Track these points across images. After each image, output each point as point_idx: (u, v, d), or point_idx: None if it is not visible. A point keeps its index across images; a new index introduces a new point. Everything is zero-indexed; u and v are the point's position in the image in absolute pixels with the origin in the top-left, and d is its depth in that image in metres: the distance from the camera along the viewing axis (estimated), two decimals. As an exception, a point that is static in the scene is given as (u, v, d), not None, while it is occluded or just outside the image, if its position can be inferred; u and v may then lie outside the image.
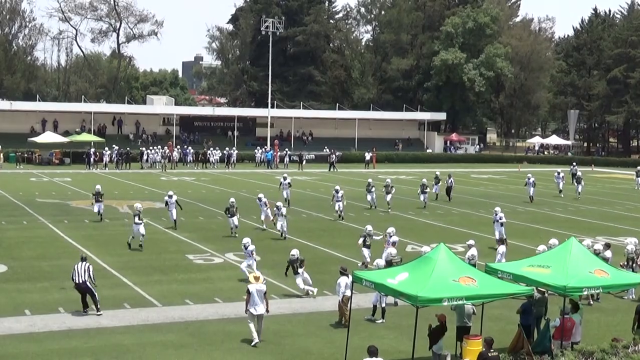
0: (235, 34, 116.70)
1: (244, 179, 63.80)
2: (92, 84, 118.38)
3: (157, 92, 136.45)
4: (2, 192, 49.50)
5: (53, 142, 77.16)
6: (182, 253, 30.67)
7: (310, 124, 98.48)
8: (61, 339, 19.42)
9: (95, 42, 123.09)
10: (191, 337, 19.87)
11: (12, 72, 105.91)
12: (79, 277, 21.40)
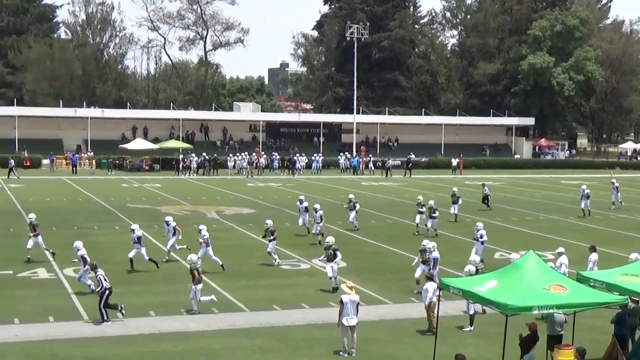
0: (321, 40, 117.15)
1: (330, 185, 63.91)
2: (180, 92, 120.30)
3: (243, 98, 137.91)
4: (95, 198, 50.68)
5: (143, 148, 78.73)
6: (269, 258, 30.82)
7: (395, 129, 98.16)
8: (151, 342, 19.73)
9: (183, 50, 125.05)
10: (278, 342, 19.96)
11: (103, 80, 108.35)
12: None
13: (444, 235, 36.98)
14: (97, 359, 18.25)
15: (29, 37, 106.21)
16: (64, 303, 23.20)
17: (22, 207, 44.63)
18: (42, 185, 59.96)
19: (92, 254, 30.16)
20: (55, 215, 41.58)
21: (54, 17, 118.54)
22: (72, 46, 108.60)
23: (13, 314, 21.69)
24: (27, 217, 30.29)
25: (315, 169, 79.23)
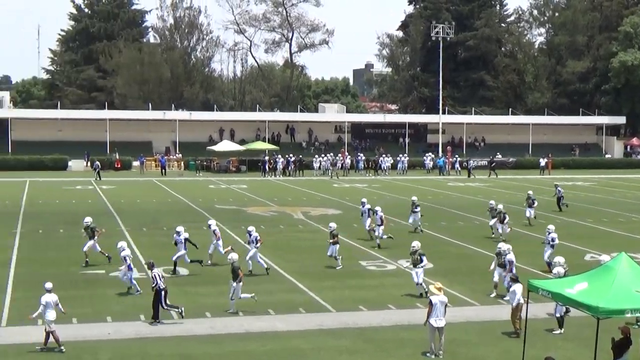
0: (406, 40, 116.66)
1: (415, 186, 63.59)
2: (266, 94, 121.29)
3: (328, 100, 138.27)
4: (183, 199, 51.53)
5: (230, 150, 79.67)
6: (355, 259, 30.89)
7: (482, 129, 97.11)
8: (239, 342, 19.96)
9: (269, 52, 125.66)
10: (365, 343, 19.96)
11: (191, 83, 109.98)
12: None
13: (526, 236, 36.39)
14: (186, 358, 18.55)
15: (119, 42, 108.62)
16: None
17: (114, 209, 45.68)
18: (132, 186, 61.26)
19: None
20: (145, 217, 42.43)
21: (143, 22, 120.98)
22: (161, 50, 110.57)
23: (105, 313, 22.20)
24: (84, 221, 29.40)
25: (401, 169, 79.08)
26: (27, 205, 47.15)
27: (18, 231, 36.82)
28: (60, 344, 18.87)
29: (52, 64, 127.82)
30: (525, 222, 40.09)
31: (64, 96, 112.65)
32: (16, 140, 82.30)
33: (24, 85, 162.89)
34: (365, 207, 35.58)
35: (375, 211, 34.09)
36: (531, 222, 39.99)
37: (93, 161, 71.77)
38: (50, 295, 19.34)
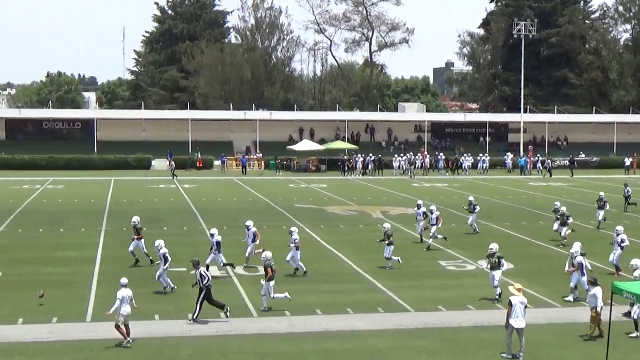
0: (487, 38, 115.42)
1: (497, 186, 62.90)
2: (346, 93, 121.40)
3: (408, 99, 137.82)
4: (264, 198, 51.97)
5: (310, 149, 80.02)
6: (434, 259, 30.75)
7: (565, 128, 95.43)
8: (318, 340, 20.05)
9: (349, 52, 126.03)
10: (444, 343, 19.85)
11: (271, 83, 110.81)
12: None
13: (600, 236, 35.56)
14: (266, 356, 18.72)
15: (201, 43, 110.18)
16: (234, 300, 23.90)
17: (196, 208, 46.35)
18: (213, 185, 62.05)
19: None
20: (226, 216, 42.94)
21: (225, 23, 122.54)
22: (242, 51, 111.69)
23: (187, 310, 22.52)
24: (132, 221, 29.59)
25: (482, 169, 78.31)
26: (112, 204, 48.19)
27: (103, 229, 37.67)
28: (127, 339, 19.33)
29: (136, 65, 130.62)
30: (597, 224, 39.16)
31: (147, 97, 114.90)
32: (102, 140, 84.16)
33: (109, 86, 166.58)
34: (420, 210, 34.62)
35: (431, 211, 33.60)
36: (601, 225, 38.92)
37: (175, 161, 73.07)
38: (126, 290, 19.77)
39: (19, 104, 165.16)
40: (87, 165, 75.64)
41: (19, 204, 46.91)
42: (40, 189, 56.96)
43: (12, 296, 24.08)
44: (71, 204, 48.18)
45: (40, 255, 30.97)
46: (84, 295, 24.31)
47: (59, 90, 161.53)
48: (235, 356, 18.65)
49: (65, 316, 21.85)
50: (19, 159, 75.39)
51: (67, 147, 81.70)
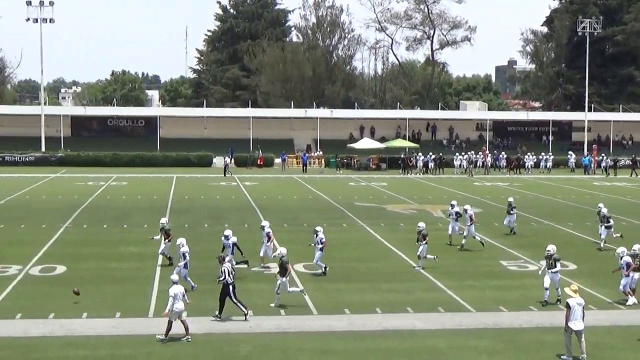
0: (550, 36, 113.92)
1: (559, 185, 62.08)
2: (406, 91, 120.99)
3: (470, 97, 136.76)
4: (324, 196, 52.05)
5: (370, 147, 79.91)
6: (495, 259, 30.46)
7: (630, 127, 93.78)
8: (378, 339, 20.01)
9: (410, 50, 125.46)
10: (505, 344, 19.65)
11: (332, 81, 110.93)
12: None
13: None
14: (326, 353, 18.74)
15: (263, 42, 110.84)
16: (294, 297, 23.95)
17: (256, 205, 46.62)
18: (274, 183, 62.34)
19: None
20: (286, 213, 43.12)
21: (286, 21, 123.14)
22: (303, 49, 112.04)
23: (247, 307, 22.66)
24: (160, 222, 29.37)
25: (544, 168, 77.33)
26: (174, 200, 48.73)
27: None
28: (167, 334, 19.51)
29: (198, 64, 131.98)
30: None
31: (209, 94, 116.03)
32: (164, 137, 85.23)
33: (172, 84, 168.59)
34: (453, 210, 33.72)
35: (465, 210, 32.89)
36: None
37: (236, 158, 73.69)
38: (178, 287, 19.96)
39: (84, 101, 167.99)
40: (149, 162, 76.60)
41: (84, 200, 47.72)
42: (104, 185, 57.87)
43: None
44: (134, 200, 48.86)
45: (104, 251, 31.45)
46: (147, 290, 24.63)
47: (123, 88, 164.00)
48: (295, 353, 18.70)
49: (128, 311, 22.16)
50: (84, 155, 76.66)
51: (131, 144, 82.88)
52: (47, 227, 36.76)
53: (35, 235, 34.44)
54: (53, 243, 32.98)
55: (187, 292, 23.15)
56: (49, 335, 19.82)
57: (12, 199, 48.60)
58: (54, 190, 53.94)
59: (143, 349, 18.85)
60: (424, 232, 28.35)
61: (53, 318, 21.27)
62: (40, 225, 37.23)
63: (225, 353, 18.61)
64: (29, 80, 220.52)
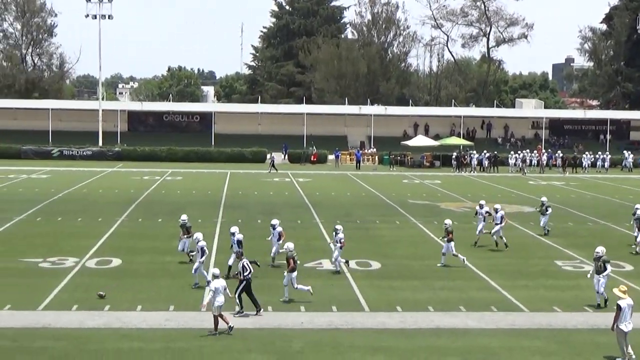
0: (609, 33, 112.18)
1: (617, 185, 61.14)
2: (462, 89, 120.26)
3: (526, 95, 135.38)
4: (377, 193, 51.97)
5: (424, 145, 79.55)
6: (550, 259, 30.13)
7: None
8: (430, 337, 19.93)
9: (466, 47, 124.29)
10: (559, 345, 19.43)
11: (387, 78, 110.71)
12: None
13: None
14: (377, 350, 18.73)
15: (318, 38, 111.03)
16: (346, 294, 24.02)
17: (309, 201, 46.73)
18: (327, 179, 62.40)
19: (372, 247, 31.10)
20: (339, 210, 43.15)
21: (342, 18, 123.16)
22: (358, 46, 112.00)
23: (300, 302, 22.76)
24: (180, 219, 28.63)
25: (601, 167, 76.15)
26: (228, 196, 49.07)
27: (219, 220, 38.39)
28: (217, 329, 19.67)
29: (253, 60, 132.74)
30: None
31: (264, 91, 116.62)
32: (219, 133, 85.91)
33: (227, 80, 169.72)
34: (482, 210, 32.82)
35: (495, 209, 32.05)
36: None
37: (290, 154, 73.93)
38: (219, 280, 20.09)
39: (141, 97, 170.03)
40: (204, 157, 77.20)
41: (139, 194, 48.31)
42: (159, 180, 58.50)
43: (131, 283, 24.81)
44: (189, 195, 49.31)
45: (158, 245, 31.81)
46: (199, 284, 24.84)
47: (178, 84, 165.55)
48: (347, 350, 18.72)
49: (182, 304, 22.39)
50: (140, 150, 77.57)
51: (186, 139, 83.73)
52: (104, 220, 37.29)
53: (91, 229, 34.97)
54: (109, 236, 33.45)
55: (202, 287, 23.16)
56: (104, 327, 20.12)
57: (70, 192, 49.39)
58: (111, 184, 54.69)
59: (196, 342, 19.03)
60: (449, 229, 28.03)
61: (108, 310, 21.59)
62: (96, 219, 37.79)
63: (278, 348, 18.70)
64: (87, 76, 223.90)
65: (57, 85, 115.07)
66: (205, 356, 17.99)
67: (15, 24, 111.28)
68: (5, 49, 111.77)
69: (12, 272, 26.06)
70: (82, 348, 18.45)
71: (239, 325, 20.31)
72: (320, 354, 18.35)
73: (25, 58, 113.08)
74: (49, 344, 18.66)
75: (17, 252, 29.48)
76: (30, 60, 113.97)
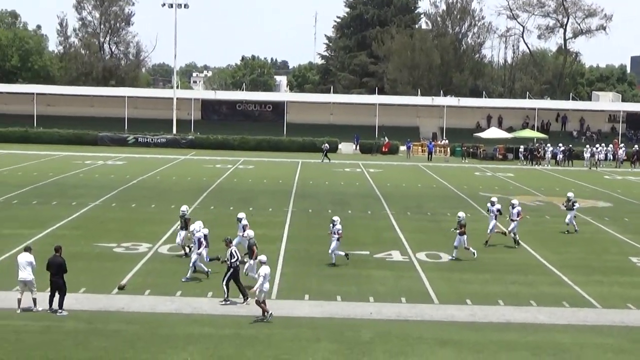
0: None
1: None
2: (536, 81, 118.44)
3: (603, 88, 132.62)
4: (448, 185, 51.61)
5: (497, 137, 78.69)
6: (624, 255, 29.57)
7: None
8: (500, 331, 19.76)
9: (542, 38, 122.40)
10: (632, 343, 19.06)
11: (460, 69, 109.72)
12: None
13: None
14: (446, 343, 18.63)
15: (391, 28, 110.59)
16: (415, 285, 23.95)
17: (380, 192, 46.65)
18: (398, 170, 62.20)
19: (442, 239, 30.92)
20: (409, 201, 43.01)
21: (416, 8, 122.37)
22: (432, 36, 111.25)
23: (369, 293, 22.78)
24: (181, 210, 27.70)
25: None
26: (299, 185, 49.29)
27: (290, 209, 38.60)
28: (268, 313, 19.85)
29: (326, 50, 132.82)
30: None
31: (336, 81, 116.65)
32: (291, 122, 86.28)
33: (300, 70, 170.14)
34: (494, 207, 31.05)
35: (512, 204, 31.05)
36: None
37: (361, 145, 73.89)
38: (267, 267, 20.26)
39: (214, 86, 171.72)
40: (276, 146, 77.65)
41: (212, 182, 48.86)
42: (231, 168, 59.07)
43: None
44: (260, 183, 49.69)
45: (230, 232, 31.95)
46: (270, 272, 24.97)
47: (252, 73, 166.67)
48: (415, 341, 18.67)
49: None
50: (213, 138, 78.40)
51: (258, 128, 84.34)
52: (176, 207, 37.63)
53: (164, 215, 35.51)
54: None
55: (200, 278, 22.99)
56: (176, 312, 20.43)
57: (144, 179, 50.21)
58: (184, 171, 55.42)
59: (265, 329, 19.19)
60: (462, 222, 27.56)
61: (180, 296, 21.91)
62: (169, 205, 38.33)
63: (347, 338, 18.74)
64: (163, 64, 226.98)
65: (134, 74, 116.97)
66: (274, 344, 18.13)
67: (94, 13, 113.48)
68: (84, 37, 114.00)
69: (87, 257, 26.64)
70: (153, 332, 18.78)
71: (308, 314, 20.43)
72: (389, 345, 18.34)
73: (103, 46, 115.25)
74: (122, 327, 19.04)
75: (92, 237, 30.12)
76: (107, 48, 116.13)
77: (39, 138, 78.07)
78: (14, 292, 20.63)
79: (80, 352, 17.24)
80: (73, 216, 34.69)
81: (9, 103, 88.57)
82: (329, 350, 17.82)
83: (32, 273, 20.10)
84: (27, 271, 20.04)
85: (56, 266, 19.97)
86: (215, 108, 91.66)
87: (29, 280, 20.02)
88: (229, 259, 21.39)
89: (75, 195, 41.06)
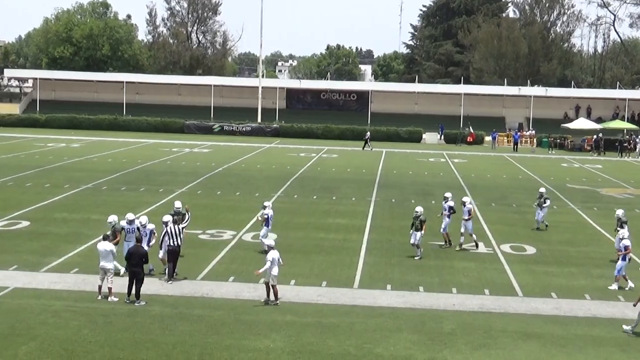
0: None
1: None
2: (628, 70, 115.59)
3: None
4: (534, 176, 50.82)
5: (586, 128, 77.07)
6: None
7: None
8: (585, 326, 19.38)
9: (634, 27, 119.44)
10: None
11: (548, 59, 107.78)
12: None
13: None
14: (529, 336, 18.36)
15: (478, 17, 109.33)
16: (499, 278, 23.68)
17: (464, 183, 46.22)
18: (483, 161, 61.51)
19: (528, 232, 30.43)
20: (494, 192, 42.51)
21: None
22: (520, 25, 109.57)
23: (452, 284, 22.62)
24: (175, 206, 26.33)
25: None
26: (383, 175, 49.18)
27: (373, 199, 38.56)
28: (277, 298, 20.17)
29: (412, 39, 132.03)
30: None
31: (421, 70, 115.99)
32: (375, 112, 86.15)
33: (384, 59, 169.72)
34: (446, 204, 28.18)
35: (463, 203, 28.04)
36: None
37: (446, 135, 73.30)
38: (275, 252, 20.43)
39: (299, 74, 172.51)
40: (360, 136, 77.55)
41: (296, 171, 49.14)
42: (315, 157, 59.29)
43: (285, 258, 25.19)
44: (344, 172, 49.75)
45: (313, 221, 32.29)
46: (353, 262, 25.06)
47: (337, 62, 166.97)
48: (499, 334, 18.46)
49: (334, 281, 22.66)
50: (297, 127, 78.84)
51: (342, 117, 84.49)
52: (261, 195, 38.13)
53: (249, 203, 35.84)
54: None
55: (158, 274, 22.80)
56: (259, 299, 20.62)
57: (229, 167, 50.81)
58: (268, 160, 55.87)
59: (347, 318, 19.23)
60: (422, 218, 25.69)
61: (262, 283, 22.10)
62: (254, 194, 38.70)
63: (429, 328, 18.65)
64: (248, 54, 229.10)
65: (220, 63, 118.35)
66: (355, 333, 18.16)
67: (182, 2, 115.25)
68: (172, 27, 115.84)
69: (174, 242, 27.04)
70: (237, 318, 19.00)
71: (390, 304, 20.37)
72: (471, 337, 18.18)
73: (191, 36, 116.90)
74: (207, 313, 19.32)
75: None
76: (195, 37, 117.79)
77: (128, 125, 79.80)
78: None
79: (166, 336, 17.56)
80: (159, 202, 35.31)
81: (99, 91, 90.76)
82: (410, 340, 17.76)
83: (111, 261, 20.50)
84: (107, 259, 20.45)
85: (138, 257, 20.28)
86: (300, 97, 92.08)
87: (109, 269, 20.43)
88: (170, 240, 21.97)
89: (162, 182, 41.81)
